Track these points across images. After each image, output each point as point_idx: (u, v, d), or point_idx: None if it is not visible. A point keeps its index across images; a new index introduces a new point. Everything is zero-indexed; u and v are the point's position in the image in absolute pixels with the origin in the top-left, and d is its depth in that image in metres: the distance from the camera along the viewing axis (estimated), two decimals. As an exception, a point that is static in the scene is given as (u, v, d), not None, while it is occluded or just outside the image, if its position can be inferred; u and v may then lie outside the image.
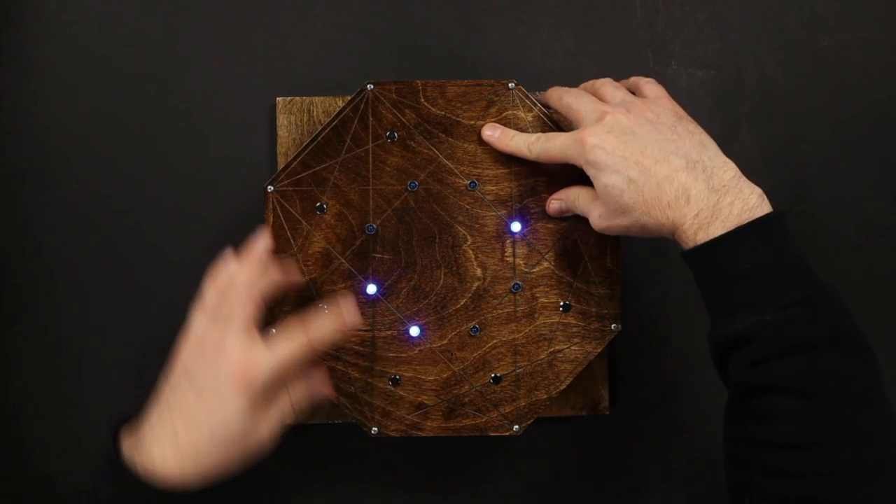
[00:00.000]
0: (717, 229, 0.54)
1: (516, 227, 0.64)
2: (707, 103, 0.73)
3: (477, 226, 0.65)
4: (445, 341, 0.65)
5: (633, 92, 0.62)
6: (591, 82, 0.64)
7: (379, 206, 0.65)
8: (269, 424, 0.57)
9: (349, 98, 0.65)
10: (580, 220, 0.65)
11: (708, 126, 0.73)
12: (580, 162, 0.58)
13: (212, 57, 0.74)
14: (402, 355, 0.65)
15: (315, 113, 0.70)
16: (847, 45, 0.73)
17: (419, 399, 0.65)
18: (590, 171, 0.58)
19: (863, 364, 0.53)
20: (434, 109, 0.65)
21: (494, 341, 0.65)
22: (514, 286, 0.65)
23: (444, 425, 0.65)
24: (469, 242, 0.65)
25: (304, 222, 0.64)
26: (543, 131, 0.65)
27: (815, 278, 0.54)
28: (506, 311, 0.65)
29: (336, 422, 0.71)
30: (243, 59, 0.74)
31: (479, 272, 0.65)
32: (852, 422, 0.51)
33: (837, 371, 0.52)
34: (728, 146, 0.73)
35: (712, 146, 0.58)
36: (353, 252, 0.65)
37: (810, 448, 0.50)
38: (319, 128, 0.65)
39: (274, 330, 0.58)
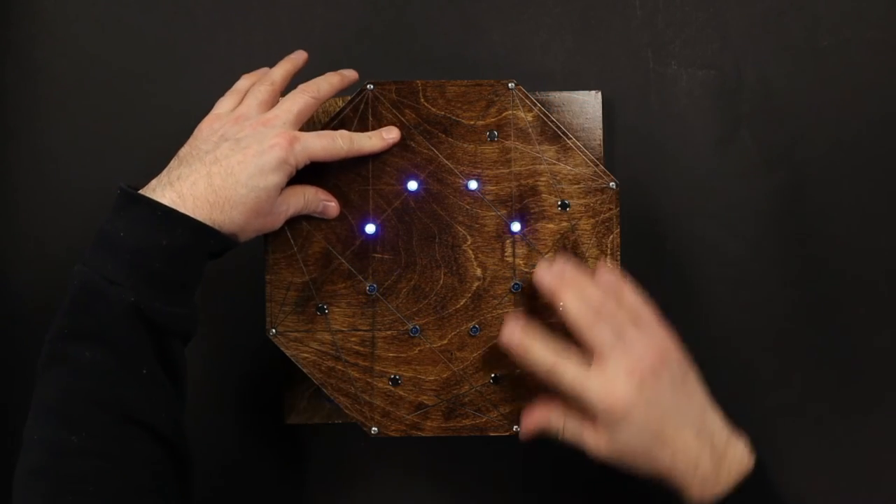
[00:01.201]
0: (718, 490, 0.57)
1: (516, 227, 0.64)
2: (707, 103, 0.73)
3: (477, 226, 0.65)
4: (445, 341, 0.65)
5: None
6: (591, 304, 0.60)
7: (379, 205, 0.65)
8: (285, 208, 0.60)
9: (349, 98, 0.65)
10: (580, 221, 0.65)
11: (708, 126, 0.73)
12: (600, 417, 0.58)
13: (212, 57, 0.74)
14: (402, 355, 0.65)
15: (315, 113, 0.70)
16: (847, 45, 0.73)
17: (419, 399, 0.65)
18: (607, 430, 0.58)
19: None
20: (434, 109, 0.65)
21: (494, 341, 0.65)
22: (514, 286, 0.65)
23: (444, 425, 0.65)
24: (469, 242, 0.65)
25: (304, 222, 0.64)
26: (543, 132, 0.65)
27: None
28: (506, 311, 0.65)
29: (336, 422, 0.71)
30: (243, 59, 0.74)
31: (479, 272, 0.65)
32: None
33: None
34: (728, 146, 0.73)
35: (707, 401, 0.60)
36: (353, 252, 0.65)
37: None
38: (319, 128, 0.65)
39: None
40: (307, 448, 0.74)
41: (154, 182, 0.58)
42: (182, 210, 0.55)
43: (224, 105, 0.61)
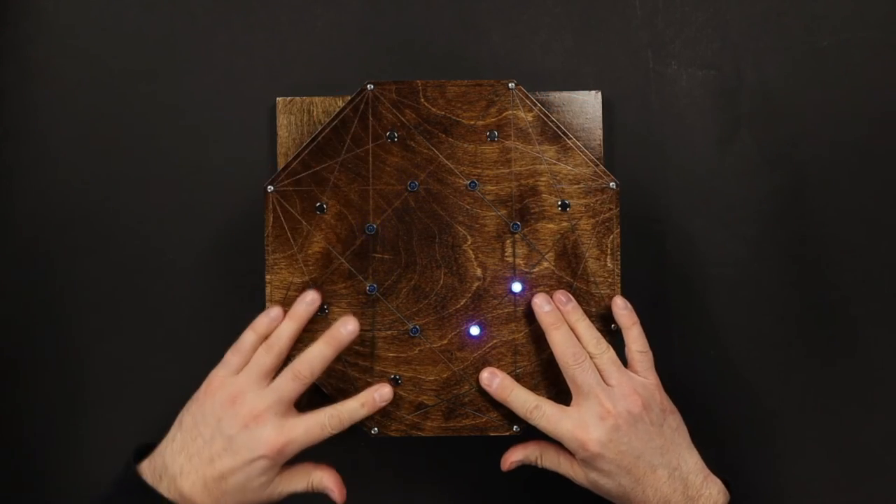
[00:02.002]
0: None
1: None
2: (707, 103, 0.73)
3: (477, 226, 0.65)
4: (445, 341, 0.65)
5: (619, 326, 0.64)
6: (581, 348, 0.63)
7: (379, 205, 0.65)
8: (285, 487, 0.61)
9: (349, 98, 0.65)
10: (580, 221, 0.65)
11: (708, 126, 0.73)
12: (576, 455, 0.61)
13: (212, 57, 0.74)
14: (402, 355, 0.65)
15: (315, 113, 0.70)
16: (847, 45, 0.73)
17: (419, 399, 0.65)
18: (583, 465, 0.62)
19: None
20: (434, 109, 0.65)
21: (494, 341, 0.65)
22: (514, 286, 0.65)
23: (444, 425, 0.65)
24: (469, 242, 0.65)
25: (304, 222, 0.65)
26: (543, 132, 0.65)
27: None
28: (506, 310, 0.65)
29: (336, 422, 0.71)
30: (243, 59, 0.74)
31: (479, 272, 0.65)
32: None
33: None
34: (728, 146, 0.73)
35: (685, 443, 0.63)
36: (353, 252, 0.65)
37: None
38: (319, 128, 0.65)
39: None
40: (307, 448, 0.74)
41: (165, 458, 0.60)
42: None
43: (229, 365, 0.62)
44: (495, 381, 0.64)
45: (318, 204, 0.65)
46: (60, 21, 0.74)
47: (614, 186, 0.65)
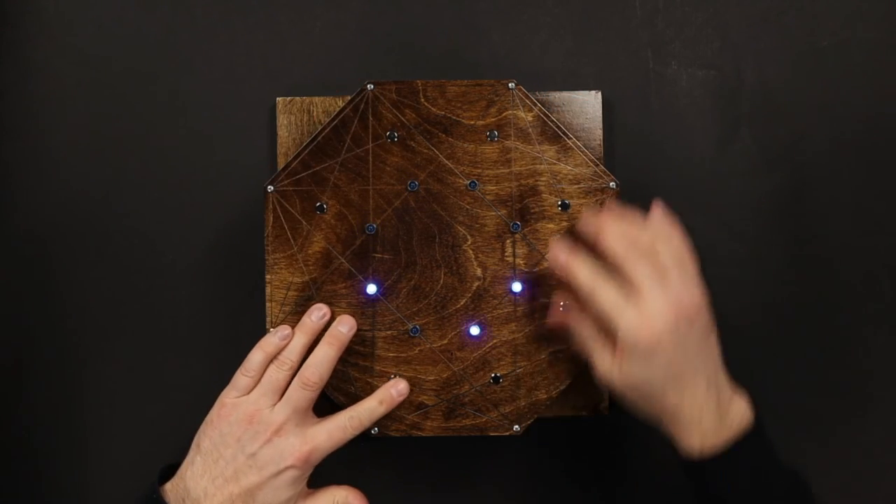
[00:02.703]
0: (718, 443, 0.58)
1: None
2: (707, 103, 0.73)
3: (477, 226, 0.65)
4: (445, 341, 0.65)
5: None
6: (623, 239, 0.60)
7: (379, 205, 0.65)
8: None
9: (349, 98, 0.65)
10: (579, 221, 0.65)
11: (708, 126, 0.73)
12: (630, 345, 0.57)
13: (212, 57, 0.74)
14: (402, 355, 0.65)
15: (315, 113, 0.70)
16: (847, 45, 0.73)
17: (419, 399, 0.65)
18: (627, 357, 0.58)
19: None
20: (434, 109, 0.65)
21: (494, 341, 0.65)
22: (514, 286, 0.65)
23: (444, 425, 0.65)
24: (469, 242, 0.65)
25: (304, 222, 0.65)
26: (543, 132, 0.65)
27: None
28: (506, 310, 0.65)
29: (336, 422, 0.71)
30: (243, 59, 0.74)
31: (479, 272, 0.65)
32: None
33: None
34: (728, 146, 0.73)
35: (720, 359, 0.60)
36: (353, 252, 0.65)
37: None
38: (319, 128, 0.65)
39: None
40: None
41: (186, 482, 0.60)
42: None
43: (239, 385, 0.62)
44: (561, 256, 0.60)
45: (318, 204, 0.65)
46: (60, 21, 0.74)
47: (614, 186, 0.65)
